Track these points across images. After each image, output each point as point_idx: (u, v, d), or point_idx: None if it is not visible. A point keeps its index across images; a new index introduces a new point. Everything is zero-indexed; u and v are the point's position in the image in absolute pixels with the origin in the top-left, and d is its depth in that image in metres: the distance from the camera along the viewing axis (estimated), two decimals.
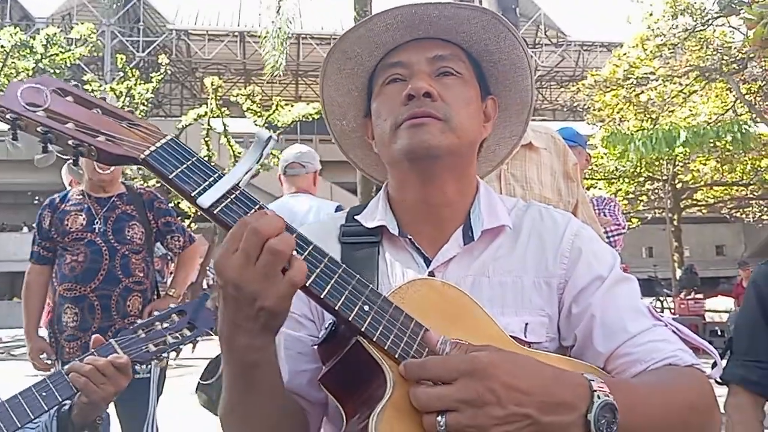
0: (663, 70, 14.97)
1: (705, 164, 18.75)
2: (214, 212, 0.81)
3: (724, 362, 1.68)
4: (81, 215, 3.08)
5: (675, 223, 18.98)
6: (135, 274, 3.05)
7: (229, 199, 0.83)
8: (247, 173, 0.84)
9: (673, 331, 1.06)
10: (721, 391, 1.74)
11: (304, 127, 20.85)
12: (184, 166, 0.82)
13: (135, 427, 3.05)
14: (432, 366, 0.79)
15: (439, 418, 0.76)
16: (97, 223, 3.05)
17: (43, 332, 3.17)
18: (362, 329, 0.83)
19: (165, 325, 1.44)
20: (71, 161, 0.84)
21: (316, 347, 0.94)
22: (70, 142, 0.81)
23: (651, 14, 15.17)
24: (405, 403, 0.79)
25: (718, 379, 1.66)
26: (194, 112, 14.53)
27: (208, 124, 14.26)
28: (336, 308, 0.83)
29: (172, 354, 1.43)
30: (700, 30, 14.75)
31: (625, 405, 0.84)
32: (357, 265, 1.05)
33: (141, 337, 1.41)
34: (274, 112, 14.72)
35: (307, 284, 0.81)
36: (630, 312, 1.05)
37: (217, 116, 14.27)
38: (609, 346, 1.02)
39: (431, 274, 1.06)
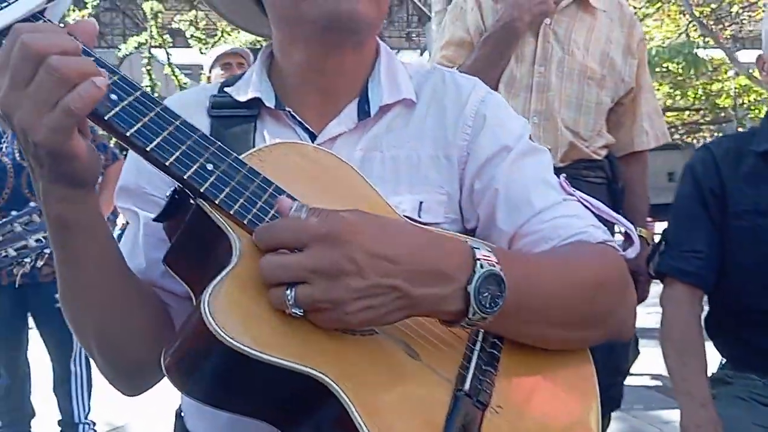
0: None
1: (658, 90, 18.85)
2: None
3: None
4: None
5: None
6: None
7: None
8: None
9: (587, 207, 0.95)
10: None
11: (253, 54, 20.00)
12: None
13: (63, 358, 2.93)
14: (280, 229, 0.66)
15: (288, 291, 0.63)
16: (4, 141, 2.85)
17: None
18: (201, 190, 0.69)
19: (25, 227, 1.27)
20: None
21: (162, 224, 0.79)
22: None
23: None
24: (253, 276, 0.66)
25: (652, 272, 1.60)
26: (135, 40, 13.80)
27: (149, 53, 13.58)
28: (167, 164, 0.68)
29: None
30: None
31: (516, 278, 0.72)
32: (229, 141, 0.89)
33: None
34: (219, 39, 14.08)
35: (127, 133, 0.66)
36: (537, 185, 0.92)
37: (159, 45, 13.60)
38: (513, 224, 0.90)
39: None
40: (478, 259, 0.70)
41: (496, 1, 2.06)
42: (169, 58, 13.92)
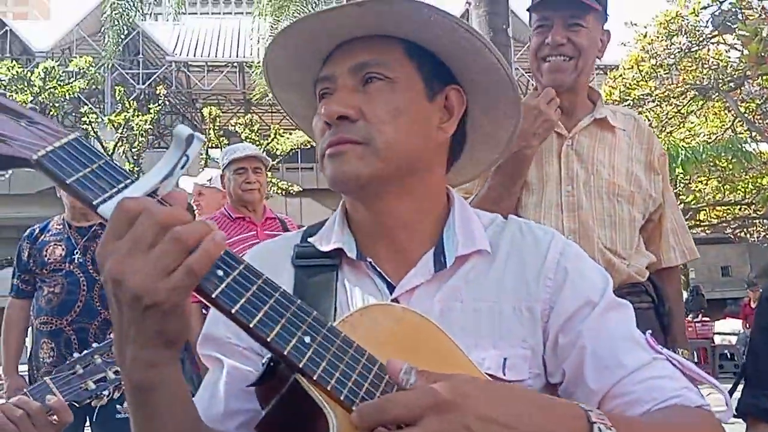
0: (659, 91, 14.88)
1: (706, 184, 18.62)
2: None
3: (735, 398, 1.54)
4: (60, 245, 2.98)
5: None
6: None
7: None
8: (165, 179, 0.72)
9: (675, 365, 0.94)
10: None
11: (305, 154, 20.75)
12: (88, 169, 0.70)
13: None
14: (390, 406, 0.65)
15: None
16: (76, 253, 2.95)
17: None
18: (300, 366, 0.70)
19: (105, 358, 1.30)
20: None
21: (254, 389, 0.81)
22: None
23: (645, 35, 15.12)
24: None
25: (734, 412, 1.52)
26: None
27: (207, 155, 14.24)
28: (269, 340, 0.69)
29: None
30: (696, 49, 14.69)
31: None
32: (312, 291, 0.93)
33: (78, 373, 1.26)
34: (272, 140, 14.70)
35: (232, 310, 0.68)
36: (626, 343, 0.92)
37: (216, 146, 14.26)
38: (603, 383, 0.89)
39: (395, 301, 0.93)
40: (594, 422, 0.68)
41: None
42: None
